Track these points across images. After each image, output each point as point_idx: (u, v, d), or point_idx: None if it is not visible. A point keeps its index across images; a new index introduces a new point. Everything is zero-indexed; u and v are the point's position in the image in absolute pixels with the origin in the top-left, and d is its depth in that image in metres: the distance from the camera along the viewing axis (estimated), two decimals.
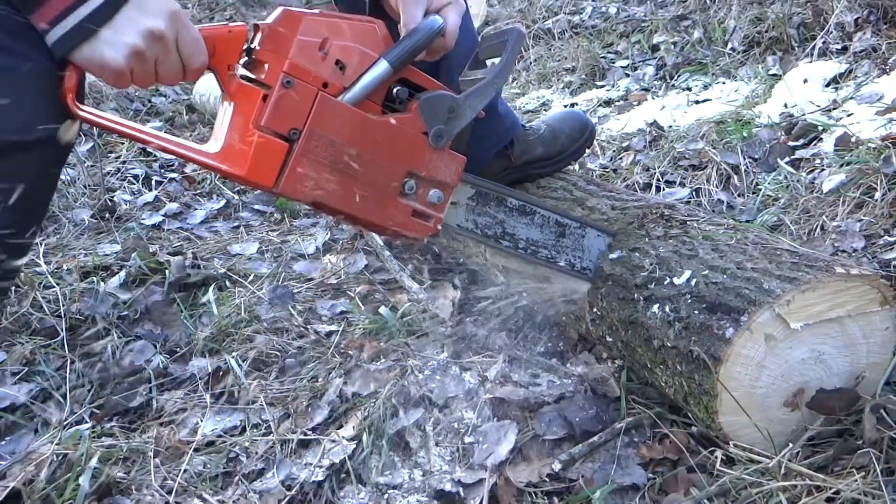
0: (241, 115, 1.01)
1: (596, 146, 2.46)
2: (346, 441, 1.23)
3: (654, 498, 1.07)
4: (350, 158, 1.05)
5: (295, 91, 1.00)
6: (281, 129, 1.01)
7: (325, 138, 1.03)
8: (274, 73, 1.00)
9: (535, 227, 1.30)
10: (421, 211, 1.13)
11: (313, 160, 1.03)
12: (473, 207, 1.26)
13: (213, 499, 1.14)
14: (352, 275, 1.84)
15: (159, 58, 0.92)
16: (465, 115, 1.11)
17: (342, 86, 1.04)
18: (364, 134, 1.05)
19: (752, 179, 1.99)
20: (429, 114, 1.09)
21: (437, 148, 1.11)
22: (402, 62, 1.07)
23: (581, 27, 3.82)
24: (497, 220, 1.28)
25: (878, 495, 0.91)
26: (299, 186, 1.03)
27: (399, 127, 1.08)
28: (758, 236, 1.19)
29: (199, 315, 1.64)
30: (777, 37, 2.84)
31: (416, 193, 1.12)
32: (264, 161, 1.01)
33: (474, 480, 1.13)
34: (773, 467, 0.99)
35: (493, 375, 1.36)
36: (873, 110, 2.09)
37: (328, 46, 1.02)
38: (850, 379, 1.08)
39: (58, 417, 1.30)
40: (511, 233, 1.29)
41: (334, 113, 1.03)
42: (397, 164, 1.09)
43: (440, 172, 1.12)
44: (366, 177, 1.07)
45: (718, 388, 1.02)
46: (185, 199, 2.41)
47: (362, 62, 1.04)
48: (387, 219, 1.11)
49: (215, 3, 5.78)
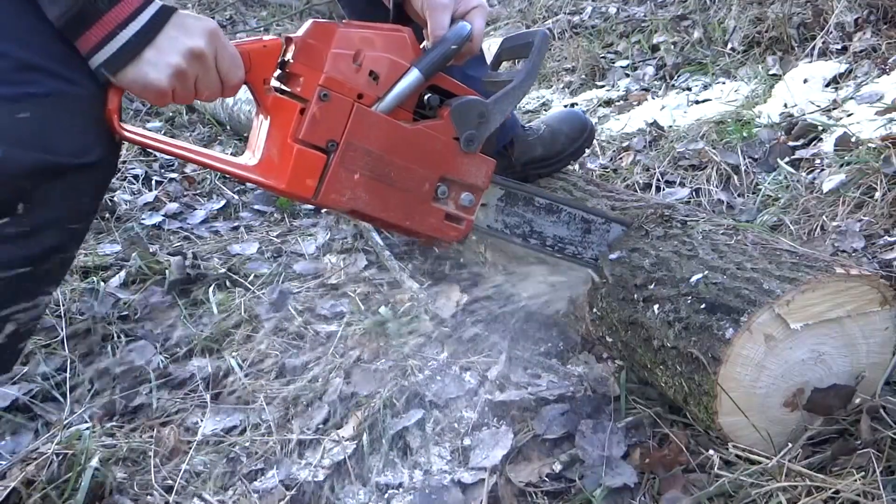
0: (278, 129, 1.03)
1: (596, 146, 2.46)
2: (346, 441, 1.23)
3: (655, 497, 1.07)
4: (386, 167, 1.07)
5: (331, 104, 1.02)
6: (318, 142, 1.02)
7: (362, 148, 1.04)
8: (310, 87, 1.01)
9: (562, 225, 1.32)
10: (453, 214, 1.15)
11: (351, 170, 1.04)
12: (502, 208, 1.29)
13: (213, 499, 1.14)
14: (352, 275, 1.84)
15: (199, 76, 0.94)
16: (494, 120, 1.12)
17: (376, 96, 1.05)
18: (398, 142, 1.07)
19: (752, 179, 1.99)
20: (460, 120, 1.10)
21: (468, 153, 1.12)
22: (434, 71, 1.08)
23: (581, 27, 3.82)
24: (525, 219, 1.31)
25: (877, 495, 0.91)
26: (338, 197, 1.05)
27: (431, 134, 1.09)
28: (758, 236, 1.19)
29: (199, 315, 1.64)
30: (777, 37, 2.84)
31: (449, 197, 1.14)
32: (303, 173, 1.02)
33: (474, 481, 1.13)
34: (773, 468, 0.99)
35: (494, 376, 1.36)
36: (873, 110, 2.09)
37: (361, 58, 1.03)
38: (850, 379, 1.08)
39: (58, 417, 1.30)
40: (539, 231, 1.32)
41: (370, 123, 1.04)
42: (430, 170, 1.10)
43: (471, 176, 1.14)
44: (401, 184, 1.09)
45: (718, 389, 1.02)
46: (185, 199, 2.41)
47: (394, 71, 1.06)
48: (421, 223, 1.13)
49: (215, 3, 5.79)
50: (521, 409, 1.27)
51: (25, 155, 0.83)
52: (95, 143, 0.89)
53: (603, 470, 1.10)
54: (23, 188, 0.84)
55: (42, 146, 0.84)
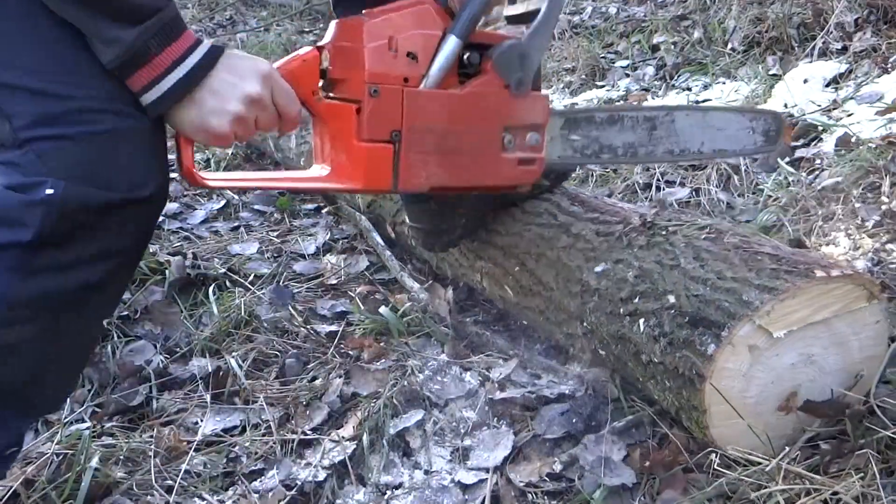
0: (340, 133, 1.06)
1: None
2: (346, 441, 1.23)
3: (654, 497, 1.07)
4: (451, 138, 1.10)
5: (382, 97, 1.04)
6: (382, 136, 1.05)
7: (424, 128, 1.07)
8: (358, 87, 1.04)
9: (628, 131, 1.32)
10: (525, 158, 1.17)
11: (420, 152, 1.08)
12: (567, 136, 1.28)
13: (213, 499, 1.14)
14: (352, 275, 1.84)
15: (259, 117, 0.98)
16: (534, 57, 1.14)
17: (420, 74, 1.07)
18: (455, 111, 1.09)
19: (752, 179, 1.99)
20: (505, 67, 1.12)
21: (520, 95, 1.13)
22: (469, 31, 1.08)
23: (581, 27, 3.82)
24: (591, 137, 1.30)
25: (876, 497, 0.91)
26: (415, 179, 1.09)
27: (483, 90, 1.11)
28: (741, 238, 1.15)
29: (199, 315, 1.64)
30: (777, 37, 2.84)
31: (516, 143, 1.16)
32: (377, 169, 1.06)
33: (475, 481, 1.13)
34: (772, 469, 0.98)
35: (494, 376, 1.36)
36: (873, 110, 2.10)
37: (395, 43, 1.05)
38: (846, 375, 1.07)
39: (58, 416, 1.30)
40: (608, 144, 1.31)
41: (423, 103, 1.07)
42: (492, 125, 1.13)
43: (530, 116, 1.16)
44: (469, 148, 1.12)
45: (706, 404, 1.01)
46: (185, 199, 2.40)
47: (430, 46, 1.07)
48: (499, 177, 1.16)
49: (215, 3, 5.79)
50: (521, 408, 1.27)
51: (86, 191, 0.87)
52: (149, 178, 0.92)
53: (602, 470, 1.10)
54: (82, 221, 0.87)
55: (100, 182, 0.88)
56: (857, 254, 1.53)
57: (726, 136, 1.42)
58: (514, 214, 1.51)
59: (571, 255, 1.33)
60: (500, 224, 1.52)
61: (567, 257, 1.33)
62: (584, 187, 2.19)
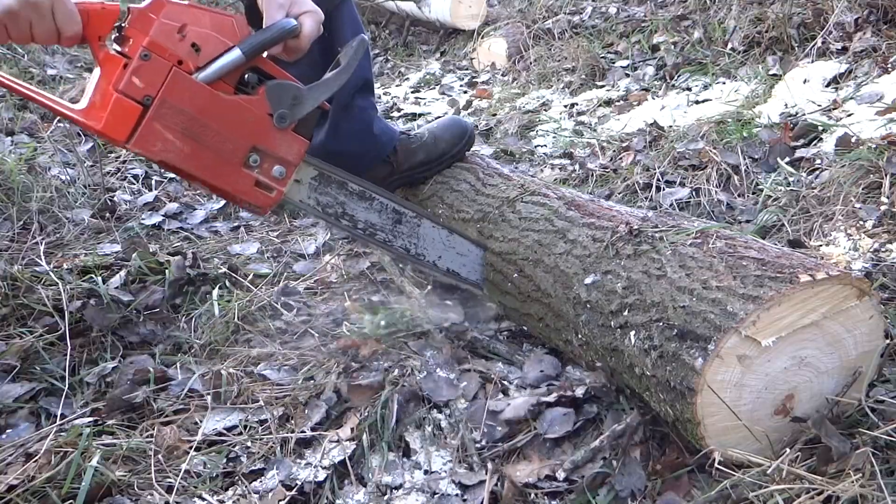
0: (105, 80, 1.18)
1: (596, 146, 2.46)
2: (346, 441, 1.23)
3: (655, 498, 1.07)
4: (198, 127, 1.21)
5: (151, 63, 1.17)
6: (136, 95, 1.17)
7: (176, 107, 1.19)
8: (136, 47, 1.17)
9: (374, 212, 1.46)
10: (264, 182, 1.29)
11: (164, 125, 1.19)
12: (316, 187, 1.41)
13: (213, 499, 1.14)
14: (352, 275, 1.84)
15: (34, 21, 1.07)
16: (307, 104, 1.27)
17: (196, 65, 1.20)
18: (212, 107, 1.21)
19: (752, 179, 1.99)
20: (274, 98, 1.25)
21: (281, 129, 1.27)
22: (254, 52, 1.22)
23: (581, 27, 3.82)
24: (338, 200, 1.43)
25: (877, 497, 0.91)
26: (149, 145, 1.19)
27: (246, 106, 1.24)
28: (726, 242, 1.14)
29: (199, 315, 1.64)
30: (777, 37, 2.84)
31: (261, 167, 1.28)
32: (119, 119, 1.17)
33: (475, 481, 1.13)
34: (773, 471, 0.98)
35: (494, 376, 1.36)
36: (873, 110, 2.10)
37: (186, 31, 1.18)
38: (844, 373, 1.07)
39: (58, 414, 1.30)
40: (351, 214, 1.44)
41: (185, 86, 1.19)
42: (242, 138, 1.25)
43: (283, 150, 1.29)
44: (213, 145, 1.23)
45: (699, 416, 1.00)
46: (185, 199, 2.41)
47: (217, 47, 1.21)
48: (230, 184, 1.27)
49: (215, 3, 5.78)
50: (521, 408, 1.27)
51: None
52: None
53: (601, 471, 1.10)
54: None
55: None
56: (856, 254, 1.53)
57: (463, 263, 1.53)
58: (511, 220, 1.51)
59: (568, 262, 1.33)
60: (498, 230, 1.53)
61: (564, 264, 1.33)
62: (584, 187, 2.20)
